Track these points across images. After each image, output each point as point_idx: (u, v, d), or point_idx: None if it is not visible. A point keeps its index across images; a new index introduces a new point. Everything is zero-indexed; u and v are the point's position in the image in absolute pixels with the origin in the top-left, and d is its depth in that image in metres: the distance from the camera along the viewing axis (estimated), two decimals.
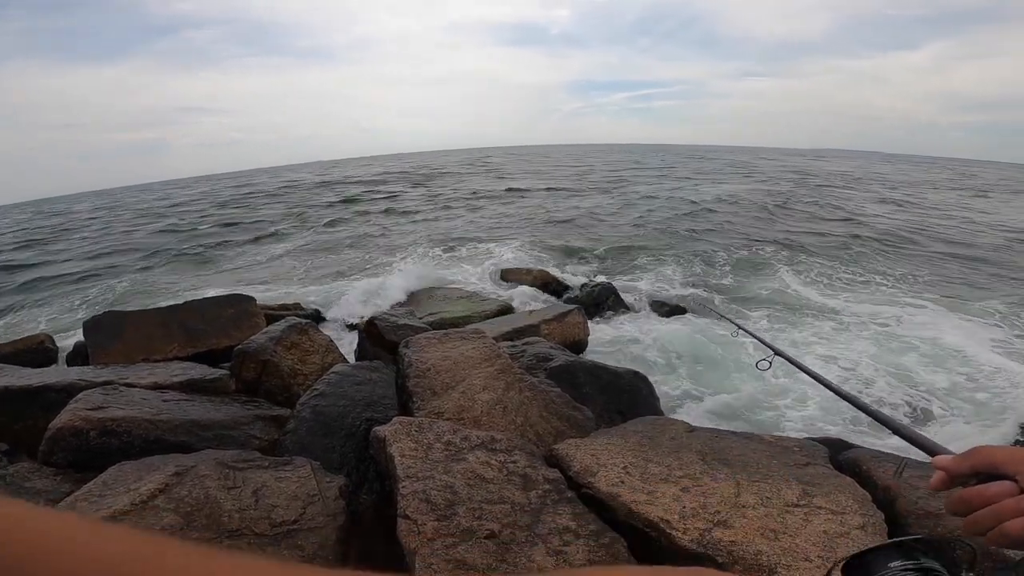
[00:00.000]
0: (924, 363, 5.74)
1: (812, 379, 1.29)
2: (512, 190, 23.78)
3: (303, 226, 17.28)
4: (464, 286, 8.48)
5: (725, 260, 10.55)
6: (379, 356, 4.65)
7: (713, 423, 4.25)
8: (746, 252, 11.20)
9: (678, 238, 12.70)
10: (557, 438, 2.81)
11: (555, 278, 8.89)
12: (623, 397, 3.77)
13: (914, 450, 0.82)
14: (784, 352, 1.59)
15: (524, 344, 4.29)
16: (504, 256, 10.77)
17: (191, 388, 3.59)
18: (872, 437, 3.98)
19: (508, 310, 6.70)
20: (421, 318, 6.03)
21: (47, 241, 19.91)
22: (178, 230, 18.59)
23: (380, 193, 25.81)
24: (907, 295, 8.43)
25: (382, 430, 2.37)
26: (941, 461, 0.61)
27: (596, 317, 7.18)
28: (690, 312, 7.54)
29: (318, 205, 22.57)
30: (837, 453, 2.79)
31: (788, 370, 1.66)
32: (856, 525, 1.98)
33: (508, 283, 8.77)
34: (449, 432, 2.40)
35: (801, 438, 2.98)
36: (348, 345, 5.56)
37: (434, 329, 4.49)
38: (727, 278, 9.59)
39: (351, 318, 7.16)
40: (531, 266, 9.76)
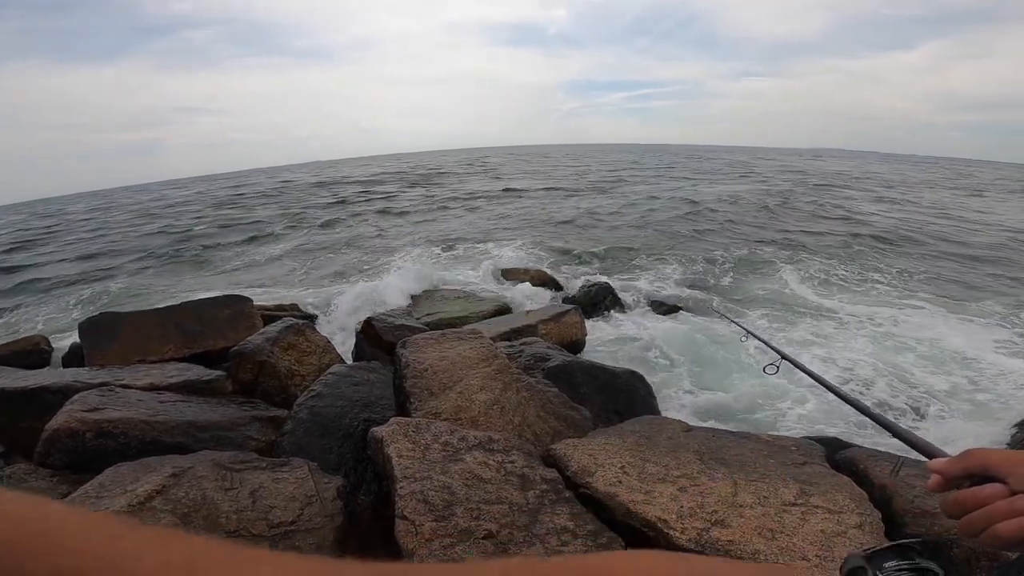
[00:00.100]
0: (924, 363, 5.76)
1: (819, 384, 1.29)
2: (510, 190, 23.77)
3: (299, 227, 17.24)
4: (462, 286, 8.48)
5: (724, 260, 10.56)
6: (376, 356, 4.65)
7: (710, 423, 4.25)
8: (745, 251, 11.21)
9: (677, 238, 12.71)
10: (555, 438, 2.81)
11: (553, 278, 8.89)
12: (620, 397, 3.77)
13: (913, 450, 0.83)
14: (791, 357, 1.59)
15: (522, 344, 4.29)
16: (502, 256, 10.76)
17: (188, 389, 3.58)
18: (869, 436, 3.99)
19: (506, 310, 6.70)
20: (418, 318, 6.02)
21: (42, 242, 19.84)
22: (174, 231, 18.53)
23: (377, 193, 25.78)
24: (906, 294, 8.45)
25: (380, 431, 2.36)
26: (935, 464, 0.62)
27: (594, 317, 7.18)
28: (688, 312, 7.55)
29: (314, 205, 22.53)
30: (834, 452, 2.80)
31: (785, 370, 1.66)
32: (853, 524, 1.99)
33: (506, 283, 8.77)
34: (447, 432, 2.39)
35: (798, 437, 2.99)
36: (344, 345, 5.55)
37: (431, 329, 4.49)
38: (727, 278, 9.59)
39: (347, 322, 7.14)
40: (529, 266, 9.76)
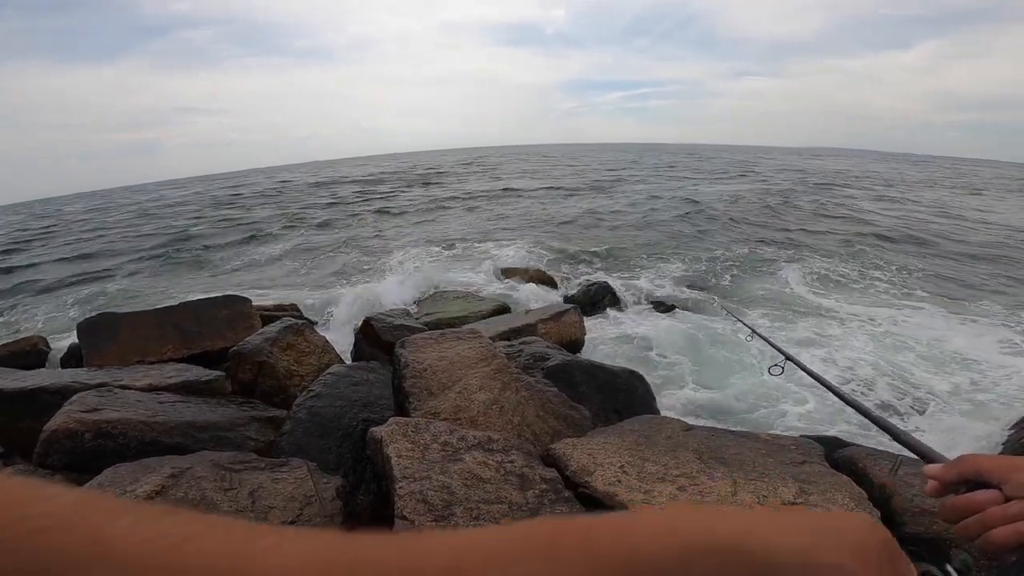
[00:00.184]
0: (924, 363, 5.76)
1: (822, 386, 1.28)
2: (509, 190, 23.76)
3: (296, 227, 17.22)
4: (461, 286, 8.47)
5: (725, 259, 10.55)
6: (375, 356, 4.65)
7: (709, 422, 4.26)
8: (746, 251, 11.21)
9: (677, 237, 12.71)
10: (554, 437, 2.81)
11: (552, 277, 8.89)
12: (619, 396, 3.77)
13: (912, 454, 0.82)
14: (795, 358, 1.58)
15: (521, 344, 4.29)
16: (501, 256, 10.75)
17: (186, 390, 3.58)
18: (867, 435, 3.99)
19: (505, 310, 6.69)
20: (417, 318, 6.02)
21: (40, 243, 19.81)
22: (172, 232, 18.51)
23: (376, 193, 25.78)
24: (907, 294, 8.46)
25: (379, 431, 2.36)
26: (931, 470, 0.62)
27: (593, 316, 7.18)
28: (688, 311, 7.55)
29: (311, 205, 22.52)
30: (833, 451, 2.81)
31: (787, 370, 1.66)
32: None
33: (505, 283, 8.77)
34: (446, 432, 2.39)
35: (797, 436, 2.99)
36: (343, 345, 5.54)
37: (430, 329, 4.49)
38: (727, 277, 9.59)
39: (346, 322, 7.12)
40: (528, 265, 9.76)
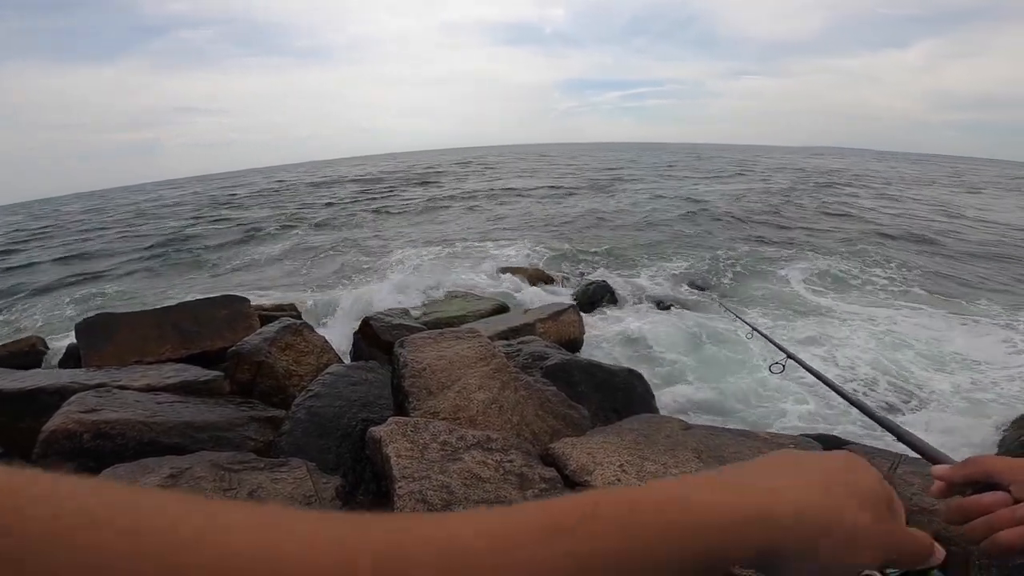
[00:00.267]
0: (924, 362, 5.75)
1: (824, 385, 1.27)
2: (509, 189, 23.76)
3: (294, 227, 17.20)
4: (460, 286, 8.47)
5: (725, 258, 10.54)
6: (374, 356, 4.65)
7: (709, 420, 4.26)
8: (747, 249, 11.21)
9: (677, 236, 12.71)
10: (553, 437, 2.81)
11: (551, 276, 8.89)
12: (618, 395, 3.78)
13: (917, 454, 0.82)
14: (797, 356, 1.57)
15: (519, 343, 4.29)
16: (500, 255, 10.75)
17: (185, 390, 3.57)
18: (865, 434, 4.00)
19: (503, 309, 6.69)
20: (416, 318, 6.02)
21: (37, 243, 19.77)
22: (170, 232, 18.49)
23: (375, 193, 25.76)
24: (907, 292, 8.45)
25: (378, 430, 2.36)
26: (939, 471, 0.61)
27: (593, 315, 7.19)
28: (688, 309, 7.55)
29: (310, 205, 22.51)
30: (831, 450, 2.81)
31: (787, 368, 1.65)
32: None
33: (504, 282, 8.77)
34: (445, 432, 2.39)
35: (796, 435, 3.00)
36: (342, 345, 5.54)
37: (429, 329, 4.49)
38: (727, 275, 9.58)
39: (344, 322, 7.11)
40: (527, 265, 9.76)
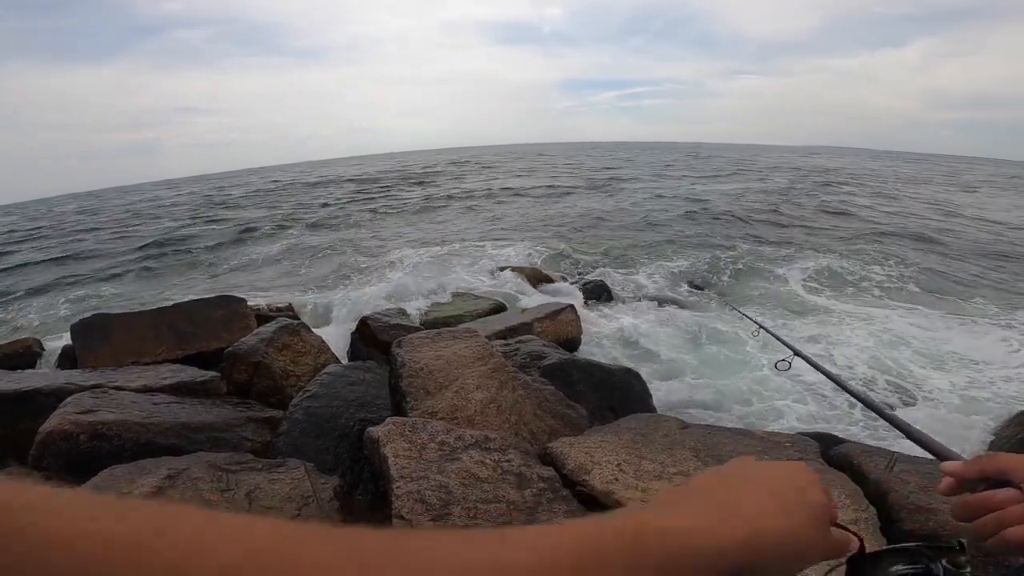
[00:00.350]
0: (922, 360, 5.76)
1: (832, 381, 1.27)
2: (507, 189, 23.74)
3: (291, 227, 17.14)
4: (458, 285, 8.46)
5: (724, 257, 10.53)
6: (372, 356, 4.64)
7: (707, 419, 4.26)
8: (746, 248, 11.21)
9: (676, 236, 12.71)
10: (551, 436, 2.82)
11: (550, 276, 8.89)
12: (616, 394, 3.78)
13: (909, 446, 0.82)
14: (803, 353, 1.57)
15: (517, 342, 4.29)
16: (498, 254, 10.74)
17: (182, 391, 3.56)
18: (864, 432, 4.01)
19: (501, 308, 6.69)
20: (414, 317, 6.01)
21: (33, 243, 19.66)
22: (166, 232, 18.41)
23: (373, 193, 25.71)
24: (906, 291, 8.46)
25: (376, 431, 2.36)
26: (950, 467, 0.61)
27: (591, 314, 7.19)
28: (686, 308, 7.56)
29: (307, 205, 22.44)
30: (828, 448, 2.82)
31: (792, 365, 1.65)
32: (848, 519, 2.00)
33: (502, 281, 8.76)
34: (443, 432, 2.39)
35: (793, 434, 3.00)
36: (340, 345, 5.52)
37: (427, 328, 4.49)
38: (726, 274, 9.58)
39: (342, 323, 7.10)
40: (525, 264, 9.76)
